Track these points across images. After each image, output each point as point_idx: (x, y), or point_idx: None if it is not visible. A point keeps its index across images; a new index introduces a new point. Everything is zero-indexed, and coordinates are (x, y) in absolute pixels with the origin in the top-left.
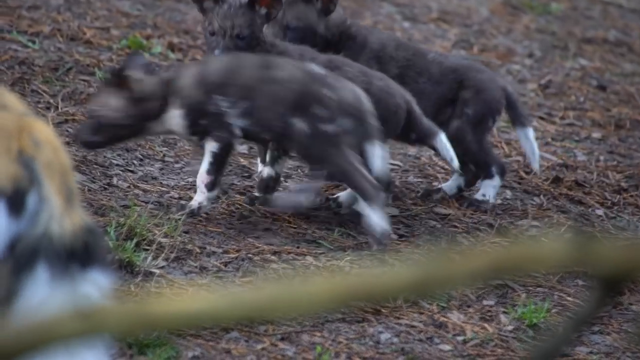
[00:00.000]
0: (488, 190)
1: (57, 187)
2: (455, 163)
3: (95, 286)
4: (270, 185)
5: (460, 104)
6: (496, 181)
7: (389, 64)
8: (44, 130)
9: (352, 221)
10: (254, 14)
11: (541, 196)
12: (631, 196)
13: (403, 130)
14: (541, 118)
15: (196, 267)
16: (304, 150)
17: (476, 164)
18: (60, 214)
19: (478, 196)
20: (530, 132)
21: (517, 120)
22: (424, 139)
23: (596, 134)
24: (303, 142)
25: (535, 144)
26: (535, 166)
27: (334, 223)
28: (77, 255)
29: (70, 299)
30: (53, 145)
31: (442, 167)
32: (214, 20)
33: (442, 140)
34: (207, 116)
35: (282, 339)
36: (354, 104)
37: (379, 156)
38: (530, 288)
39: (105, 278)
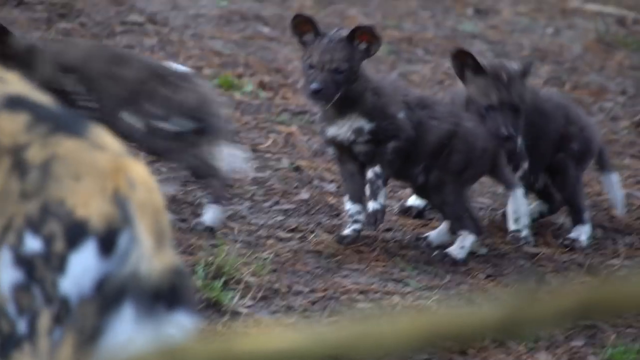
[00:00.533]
0: (581, 234)
1: (149, 226)
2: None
3: (180, 327)
4: (378, 218)
5: (565, 139)
6: (588, 227)
7: None
8: (139, 171)
9: (440, 260)
10: (353, 48)
11: (633, 235)
12: None
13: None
14: (633, 156)
15: (283, 306)
16: (139, 143)
17: (570, 204)
18: (150, 254)
19: (572, 236)
20: (615, 177)
21: (603, 165)
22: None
23: None
24: (135, 136)
25: (619, 189)
26: (619, 211)
27: (422, 262)
28: (164, 296)
29: (154, 339)
30: (148, 185)
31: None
32: (314, 54)
33: (517, 195)
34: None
35: None
36: (197, 107)
37: (227, 157)
38: (620, 329)
39: (191, 319)
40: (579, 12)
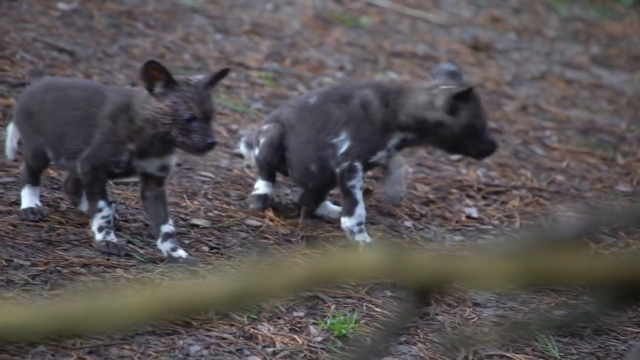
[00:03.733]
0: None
1: None
2: None
3: None
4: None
5: None
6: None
7: None
8: None
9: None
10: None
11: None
12: (438, 208)
13: None
14: None
15: (2, 280)
16: None
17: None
18: None
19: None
20: None
21: None
22: None
23: None
24: None
25: None
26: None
27: (146, 235)
28: None
29: None
30: None
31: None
32: (191, 104)
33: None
34: None
35: (90, 353)
36: None
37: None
38: (340, 299)
39: None
40: None
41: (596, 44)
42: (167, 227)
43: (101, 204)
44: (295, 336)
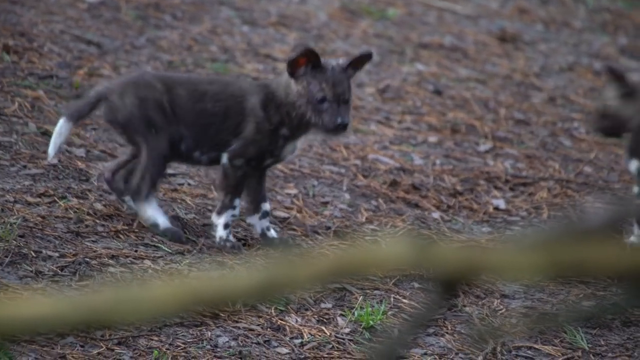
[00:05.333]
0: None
1: None
2: None
3: None
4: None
5: None
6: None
7: None
8: None
9: (191, 225)
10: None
11: (379, 199)
12: (466, 199)
13: None
14: (379, 122)
15: (32, 271)
16: None
17: None
18: None
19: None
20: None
21: None
22: None
23: (432, 138)
24: None
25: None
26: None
27: (173, 226)
28: None
29: None
30: None
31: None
32: (324, 86)
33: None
34: None
35: (119, 344)
36: None
37: None
38: (368, 291)
39: None
40: None
41: (624, 35)
42: (267, 206)
43: (237, 201)
44: (323, 328)
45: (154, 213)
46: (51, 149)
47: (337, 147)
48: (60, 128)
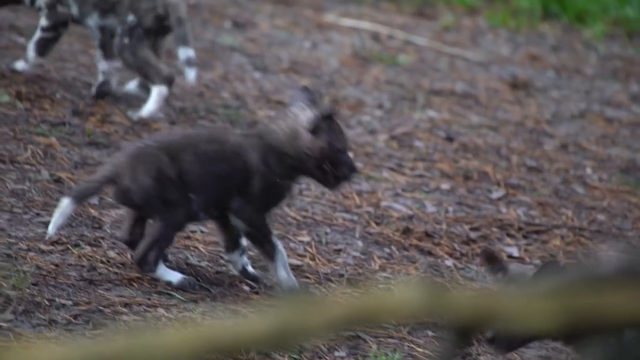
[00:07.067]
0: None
1: None
2: None
3: None
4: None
5: None
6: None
7: None
8: None
9: (204, 273)
10: None
11: (392, 247)
12: (479, 247)
13: None
14: (391, 169)
15: (45, 320)
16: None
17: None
18: None
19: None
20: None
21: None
22: None
23: (445, 185)
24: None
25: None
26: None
27: (186, 274)
28: None
29: None
30: None
31: None
32: None
33: None
34: None
35: None
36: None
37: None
38: (382, 339)
39: None
40: (334, 26)
41: (635, 82)
42: (244, 240)
43: (278, 242)
44: None
45: (163, 273)
46: (51, 229)
47: (349, 195)
48: (65, 208)
